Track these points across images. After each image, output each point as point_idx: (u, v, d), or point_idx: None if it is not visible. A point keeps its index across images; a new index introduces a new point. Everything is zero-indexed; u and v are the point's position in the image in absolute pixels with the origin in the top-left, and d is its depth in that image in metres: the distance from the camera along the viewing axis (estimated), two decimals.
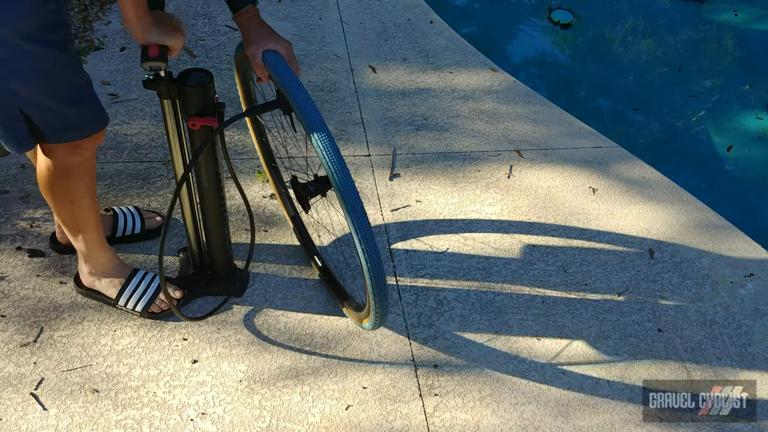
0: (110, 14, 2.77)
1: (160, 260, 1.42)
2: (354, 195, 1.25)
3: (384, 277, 1.35)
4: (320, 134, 1.23)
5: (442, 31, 2.91)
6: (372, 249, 1.29)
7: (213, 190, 1.52)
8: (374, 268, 1.31)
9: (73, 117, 1.31)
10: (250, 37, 1.33)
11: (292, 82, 1.27)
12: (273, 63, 1.31)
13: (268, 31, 1.34)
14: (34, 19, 1.14)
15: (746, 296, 1.88)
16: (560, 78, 3.12)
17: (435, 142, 2.31)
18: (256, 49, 1.32)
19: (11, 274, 1.74)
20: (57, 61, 1.22)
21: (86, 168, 1.42)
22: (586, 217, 2.07)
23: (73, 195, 1.44)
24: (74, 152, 1.36)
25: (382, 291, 1.37)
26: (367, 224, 1.27)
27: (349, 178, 1.25)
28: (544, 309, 1.79)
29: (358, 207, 1.26)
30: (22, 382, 1.52)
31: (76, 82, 1.29)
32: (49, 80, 1.22)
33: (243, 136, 2.26)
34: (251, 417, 1.50)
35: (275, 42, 1.33)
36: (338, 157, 1.24)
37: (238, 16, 1.33)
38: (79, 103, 1.31)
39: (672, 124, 2.82)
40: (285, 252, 1.88)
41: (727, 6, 3.55)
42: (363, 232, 1.27)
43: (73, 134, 1.33)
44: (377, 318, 1.46)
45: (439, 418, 1.53)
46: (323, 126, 1.24)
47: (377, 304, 1.40)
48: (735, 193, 2.52)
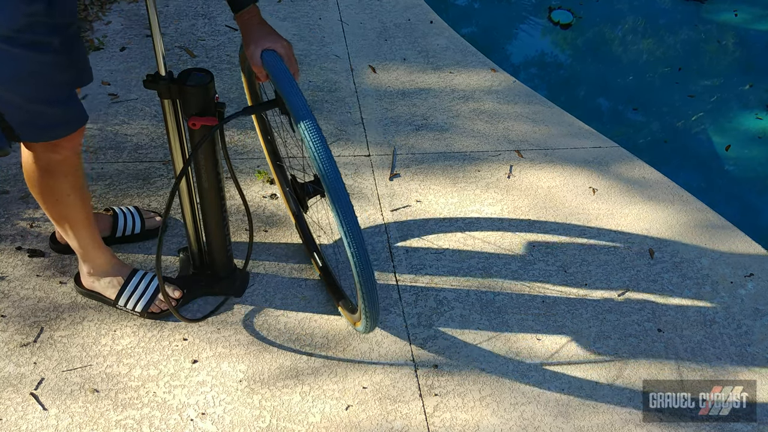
0: (110, 14, 2.76)
1: (157, 259, 1.42)
2: (343, 195, 1.24)
3: (373, 279, 1.34)
4: (311, 133, 1.22)
5: (442, 31, 2.91)
6: (361, 251, 1.28)
7: (213, 190, 1.52)
8: (363, 269, 1.30)
9: (49, 116, 1.29)
10: (250, 37, 1.33)
11: (287, 82, 1.27)
12: (270, 62, 1.30)
13: (269, 31, 1.34)
14: (18, 21, 1.12)
15: (746, 296, 1.88)
16: (560, 78, 3.12)
17: (435, 142, 2.31)
18: (254, 48, 1.32)
19: (11, 274, 1.74)
20: (39, 62, 1.20)
21: (69, 165, 1.41)
22: (586, 217, 2.07)
23: (58, 193, 1.44)
24: (54, 150, 1.35)
25: (371, 293, 1.36)
26: (356, 225, 1.26)
27: (339, 180, 1.24)
28: (544, 309, 1.79)
29: (347, 208, 1.24)
30: (22, 382, 1.52)
31: (60, 80, 1.27)
32: (28, 82, 1.21)
33: (243, 136, 2.26)
34: (251, 417, 1.50)
35: (274, 42, 1.33)
36: (329, 158, 1.23)
37: (239, 16, 1.33)
38: (55, 103, 1.29)
39: (672, 124, 2.82)
40: (285, 252, 1.88)
41: (727, 6, 3.55)
42: (352, 234, 1.26)
43: (49, 134, 1.31)
44: (368, 322, 1.46)
45: (439, 418, 1.53)
46: (315, 126, 1.23)
47: (367, 306, 1.40)
48: (735, 193, 2.52)
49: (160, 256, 1.42)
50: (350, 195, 2.06)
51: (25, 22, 1.14)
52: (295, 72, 1.36)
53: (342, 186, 1.24)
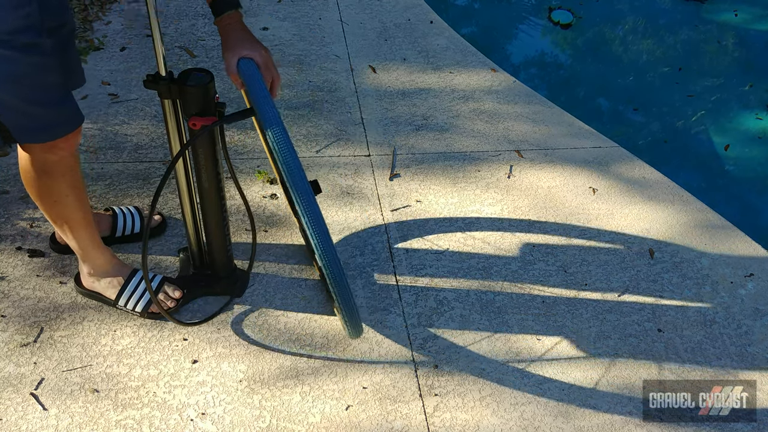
0: (110, 14, 2.76)
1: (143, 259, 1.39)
2: (312, 207, 1.23)
3: (347, 288, 1.33)
4: (280, 145, 1.20)
5: (442, 31, 2.91)
6: (332, 261, 1.27)
7: (213, 190, 1.52)
8: (336, 279, 1.29)
9: (43, 118, 1.29)
10: (228, 44, 1.31)
11: (259, 92, 1.24)
12: (245, 71, 1.28)
13: (248, 38, 1.32)
14: (9, 23, 1.13)
15: (746, 296, 1.88)
16: (560, 78, 3.12)
17: (435, 142, 2.31)
18: (231, 56, 1.30)
19: (11, 274, 1.74)
20: (32, 64, 1.20)
21: (66, 166, 1.40)
22: (586, 217, 2.07)
23: (56, 194, 1.44)
24: (51, 151, 1.35)
25: (347, 301, 1.36)
26: (327, 236, 1.25)
27: (308, 191, 1.22)
28: (544, 309, 1.79)
29: (317, 219, 1.23)
30: (22, 382, 1.52)
31: (53, 82, 1.26)
32: (21, 83, 1.21)
33: (243, 136, 2.26)
34: (251, 417, 1.50)
35: (252, 49, 1.31)
36: (298, 168, 1.21)
37: (220, 20, 1.31)
38: (53, 104, 1.29)
39: (672, 124, 2.82)
40: (285, 252, 1.88)
41: (727, 6, 3.55)
42: (322, 245, 1.25)
43: (44, 135, 1.31)
44: (349, 329, 1.47)
45: (439, 418, 1.53)
46: (285, 138, 1.21)
47: (345, 315, 1.41)
48: (735, 193, 2.52)
49: (146, 255, 1.39)
50: (350, 195, 2.06)
51: (18, 24, 1.14)
52: (275, 79, 1.33)
53: (311, 198, 1.23)
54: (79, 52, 1.30)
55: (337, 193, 2.07)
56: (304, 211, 1.23)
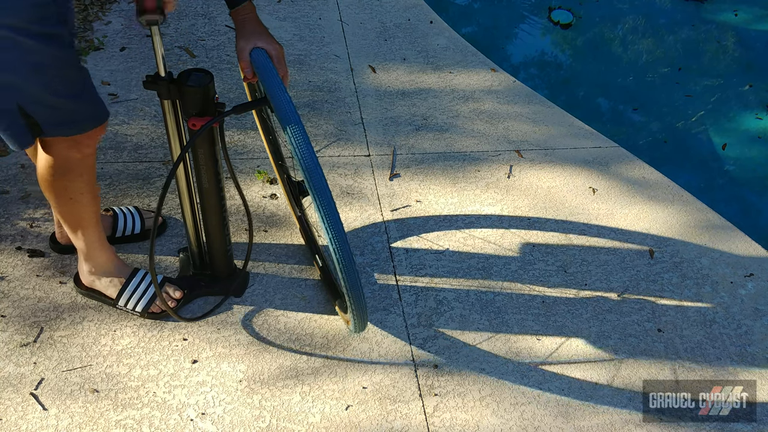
0: (110, 14, 2.76)
1: (150, 259, 1.40)
2: (327, 198, 1.24)
3: (358, 279, 1.34)
4: (295, 133, 1.21)
5: (442, 31, 2.91)
6: (345, 251, 1.28)
7: (213, 190, 1.52)
8: (347, 269, 1.30)
9: (72, 111, 1.30)
10: (244, 34, 1.32)
11: (273, 80, 1.26)
12: (258, 60, 1.29)
13: (264, 31, 1.33)
14: (29, 11, 1.13)
15: (746, 296, 1.88)
16: (560, 78, 3.12)
17: (435, 142, 2.31)
18: (245, 44, 1.31)
19: (11, 274, 1.74)
20: (53, 55, 1.20)
21: (86, 164, 1.41)
22: (586, 217, 2.07)
23: (73, 192, 1.44)
24: (75, 148, 1.36)
25: (356, 292, 1.36)
26: (340, 227, 1.26)
27: (323, 181, 1.23)
28: (544, 309, 1.79)
29: (332, 211, 1.24)
30: (22, 382, 1.52)
31: (74, 77, 1.28)
32: (45, 74, 1.21)
33: (243, 136, 2.26)
34: (251, 417, 1.50)
35: (267, 42, 1.32)
36: (312, 157, 1.22)
37: (235, 12, 1.32)
38: (78, 97, 1.29)
39: (672, 124, 2.82)
40: (285, 252, 1.88)
41: (727, 6, 3.55)
42: (336, 236, 1.26)
43: (72, 129, 1.32)
44: (356, 321, 1.47)
45: (439, 418, 1.53)
46: (299, 126, 1.22)
47: (354, 306, 1.41)
48: (735, 193, 2.52)
49: (153, 254, 1.40)
50: (350, 195, 2.06)
51: (35, 12, 1.14)
52: (284, 75, 1.35)
53: (326, 188, 1.24)
54: (79, 52, 1.30)
55: (336, 193, 2.07)
56: (318, 199, 1.23)
